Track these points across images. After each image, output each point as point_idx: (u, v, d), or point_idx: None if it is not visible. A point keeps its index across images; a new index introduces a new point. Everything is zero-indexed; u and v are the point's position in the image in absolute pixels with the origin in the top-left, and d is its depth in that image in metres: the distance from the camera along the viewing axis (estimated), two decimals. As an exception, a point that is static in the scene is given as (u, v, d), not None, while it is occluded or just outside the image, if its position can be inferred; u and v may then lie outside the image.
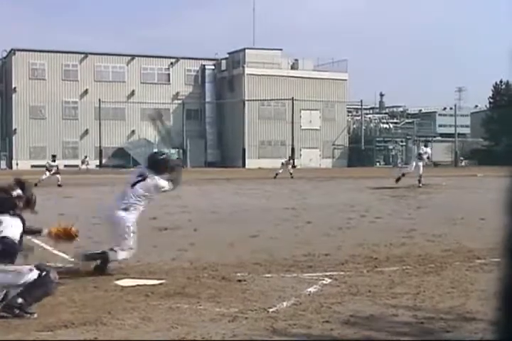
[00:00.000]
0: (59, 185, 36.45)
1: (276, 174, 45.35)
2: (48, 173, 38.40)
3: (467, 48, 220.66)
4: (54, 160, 39.88)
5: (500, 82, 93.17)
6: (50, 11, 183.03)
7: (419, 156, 34.06)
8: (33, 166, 74.28)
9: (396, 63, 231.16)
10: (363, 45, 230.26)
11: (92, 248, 12.45)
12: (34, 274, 7.27)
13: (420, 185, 32.11)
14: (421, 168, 32.89)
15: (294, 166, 50.31)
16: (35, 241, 13.40)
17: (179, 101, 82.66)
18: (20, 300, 7.18)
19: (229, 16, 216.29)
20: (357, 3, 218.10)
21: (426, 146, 36.46)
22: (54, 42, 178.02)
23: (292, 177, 44.94)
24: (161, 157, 10.49)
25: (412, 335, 6.38)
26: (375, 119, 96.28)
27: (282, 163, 49.87)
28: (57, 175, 37.85)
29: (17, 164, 76.33)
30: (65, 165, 74.90)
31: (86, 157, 74.73)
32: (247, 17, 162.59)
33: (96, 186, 34.30)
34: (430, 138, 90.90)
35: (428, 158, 34.96)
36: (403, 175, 32.62)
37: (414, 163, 33.72)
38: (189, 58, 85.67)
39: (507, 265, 1.91)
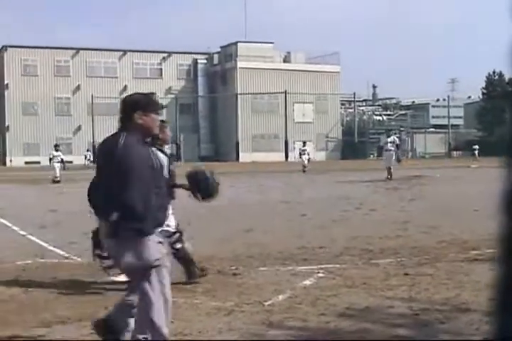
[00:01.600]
0: (56, 181, 35.23)
1: (304, 167, 43.46)
2: (57, 166, 36.25)
3: (460, 39, 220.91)
4: (57, 150, 38.06)
5: (493, 72, 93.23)
6: (42, 7, 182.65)
7: (386, 147, 32.67)
8: (26, 163, 74.32)
9: (388, 55, 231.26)
10: (355, 37, 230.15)
11: (88, 244, 12.46)
12: None
13: (388, 177, 31.12)
14: (391, 160, 31.74)
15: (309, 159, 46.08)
16: (31, 237, 13.43)
17: (172, 96, 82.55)
18: None
19: (220, 10, 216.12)
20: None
21: (389, 136, 34.17)
22: (46, 39, 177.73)
23: (305, 171, 43.14)
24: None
25: (408, 327, 6.40)
26: (368, 111, 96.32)
27: (300, 153, 46.72)
28: (57, 169, 36.12)
29: (11, 161, 76.25)
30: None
31: (88, 150, 74.75)
32: (238, 11, 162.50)
33: (88, 182, 34.25)
34: (424, 130, 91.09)
35: (398, 146, 33.00)
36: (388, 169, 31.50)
37: (384, 156, 33.16)
38: (181, 52, 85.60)
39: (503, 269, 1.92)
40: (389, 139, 32.94)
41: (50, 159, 37.43)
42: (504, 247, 1.89)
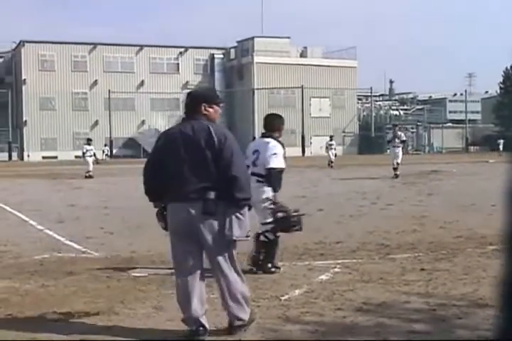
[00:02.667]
0: (89, 176, 34.69)
1: (331, 162, 42.52)
2: (89, 160, 35.72)
3: (477, 34, 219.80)
4: (89, 144, 37.15)
5: (511, 67, 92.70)
6: (59, 2, 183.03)
7: (393, 143, 30.96)
8: (44, 157, 74.55)
9: (405, 49, 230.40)
10: (372, 31, 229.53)
11: (105, 239, 12.52)
12: None
13: (397, 173, 29.45)
14: (399, 156, 30.04)
15: (335, 154, 44.72)
16: (48, 232, 13.49)
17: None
18: None
19: (237, 5, 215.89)
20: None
21: (394, 131, 31.89)
22: (63, 34, 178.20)
23: (332, 166, 42.00)
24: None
25: (425, 322, 6.38)
26: (385, 106, 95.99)
27: (327, 148, 45.55)
28: (89, 163, 35.54)
29: (28, 156, 76.50)
30: (76, 156, 75.25)
31: (106, 145, 74.92)
32: (255, 5, 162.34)
33: (105, 177, 34.33)
34: (441, 125, 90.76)
35: (403, 141, 31.87)
36: (394, 169, 29.69)
37: (391, 151, 31.49)
38: (198, 47, 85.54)
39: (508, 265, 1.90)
40: (397, 134, 30.84)
41: (83, 153, 36.60)
42: (509, 244, 1.87)
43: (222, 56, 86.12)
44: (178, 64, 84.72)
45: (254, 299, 7.22)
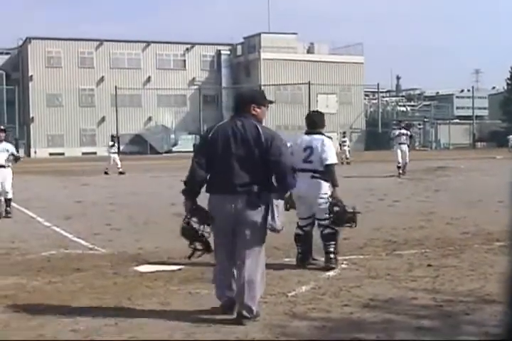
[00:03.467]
0: (121, 172, 34.43)
1: (346, 159, 41.18)
2: (114, 157, 35.60)
3: (484, 29, 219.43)
4: (113, 140, 37.43)
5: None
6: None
7: (399, 140, 29.03)
8: (51, 154, 74.64)
9: (412, 45, 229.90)
10: (379, 27, 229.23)
11: (112, 235, 12.54)
12: None
13: (401, 172, 28.08)
14: (406, 154, 28.60)
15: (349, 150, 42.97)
16: (56, 228, 13.51)
17: (195, 87, 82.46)
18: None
19: (244, 1, 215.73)
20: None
21: (400, 127, 30.32)
22: (69, 30, 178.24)
23: (348, 163, 40.64)
24: None
25: (432, 318, 6.38)
26: (392, 102, 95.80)
27: (340, 144, 43.54)
28: (116, 160, 35.38)
29: (35, 152, 76.58)
30: (83, 153, 75.38)
31: (113, 142, 74.98)
32: (262, 2, 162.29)
33: (113, 173, 34.35)
34: (448, 121, 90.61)
35: (411, 137, 30.52)
36: (398, 168, 28.22)
37: (396, 150, 29.15)
38: (204, 44, 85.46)
39: None
40: (403, 131, 29.32)
41: (109, 151, 36.49)
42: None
43: (228, 52, 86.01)
44: (184, 60, 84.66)
45: (261, 295, 7.23)
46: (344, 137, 44.94)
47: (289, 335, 5.91)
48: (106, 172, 34.45)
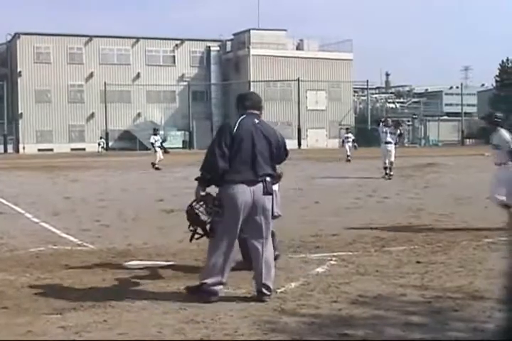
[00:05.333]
0: (156, 168, 33.82)
1: (347, 156, 39.29)
2: (158, 150, 35.07)
3: (473, 26, 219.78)
4: (156, 134, 36.41)
5: (507, 60, 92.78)
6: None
7: (386, 139, 26.86)
8: (39, 150, 74.48)
9: (402, 42, 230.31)
10: (368, 24, 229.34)
11: (101, 231, 12.52)
12: None
13: (388, 173, 25.90)
14: (392, 154, 26.47)
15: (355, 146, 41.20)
16: (44, 224, 13.48)
17: (185, 83, 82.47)
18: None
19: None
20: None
21: (386, 124, 27.56)
22: (58, 26, 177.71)
23: (349, 160, 38.86)
24: None
25: (420, 314, 6.39)
26: (381, 99, 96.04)
27: (343, 140, 42.72)
28: (157, 154, 34.83)
29: (24, 148, 76.44)
30: (72, 149, 75.26)
31: (101, 138, 74.71)
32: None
33: (101, 169, 34.29)
34: (437, 117, 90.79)
35: (400, 135, 28.74)
36: (385, 168, 26.37)
37: (384, 149, 26.95)
38: (194, 40, 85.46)
39: None
40: (389, 129, 27.03)
41: (152, 144, 35.82)
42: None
43: (218, 48, 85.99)
44: (174, 56, 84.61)
45: (250, 291, 7.23)
46: (347, 133, 43.20)
47: (278, 331, 5.91)
48: (157, 168, 33.55)
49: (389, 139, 26.88)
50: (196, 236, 7.30)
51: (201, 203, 7.13)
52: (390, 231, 11.83)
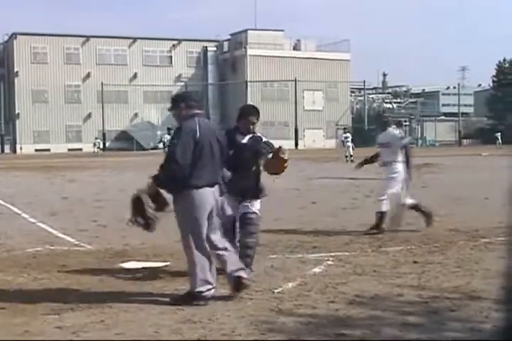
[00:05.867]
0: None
1: (350, 156, 39.70)
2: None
3: (470, 27, 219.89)
4: (170, 134, 37.64)
5: (504, 60, 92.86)
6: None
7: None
8: (36, 150, 74.42)
9: (399, 43, 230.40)
10: (365, 24, 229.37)
11: (98, 232, 12.51)
12: None
13: None
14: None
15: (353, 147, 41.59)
16: (41, 225, 13.47)
17: (182, 84, 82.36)
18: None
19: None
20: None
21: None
22: (55, 26, 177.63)
23: (352, 160, 38.31)
24: None
25: (417, 314, 6.40)
26: (378, 99, 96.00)
27: (342, 141, 43.03)
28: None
29: (21, 148, 76.34)
30: (69, 149, 75.21)
31: (97, 139, 74.60)
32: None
33: (99, 169, 34.27)
34: (434, 118, 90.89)
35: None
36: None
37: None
38: (191, 40, 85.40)
39: None
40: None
41: (164, 143, 39.35)
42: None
43: (215, 49, 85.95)
44: (171, 56, 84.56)
45: (247, 292, 7.23)
46: (346, 133, 43.78)
47: (275, 331, 5.91)
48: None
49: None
50: (134, 224, 7.28)
51: (150, 200, 7.07)
52: (387, 231, 11.83)
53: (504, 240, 10.23)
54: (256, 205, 8.28)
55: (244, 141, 8.39)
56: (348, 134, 43.02)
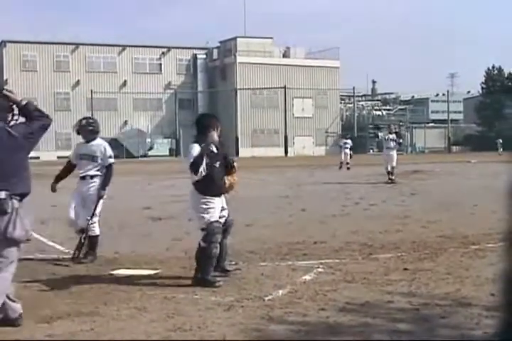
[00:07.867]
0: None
1: (346, 163, 39.18)
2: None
3: (459, 33, 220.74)
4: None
5: (493, 67, 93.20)
6: (42, 2, 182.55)
7: (388, 145, 28.13)
8: (30, 158, 74.18)
9: (387, 50, 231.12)
10: (354, 32, 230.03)
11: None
12: None
13: (391, 178, 26.73)
14: (392, 159, 27.31)
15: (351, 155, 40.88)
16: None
17: (171, 91, 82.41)
18: None
19: (220, 5, 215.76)
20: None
21: (390, 131, 28.57)
22: (45, 34, 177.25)
23: (348, 168, 38.59)
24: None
25: (408, 321, 6.40)
26: (368, 106, 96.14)
27: (340, 146, 42.05)
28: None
29: (10, 156, 76.11)
30: (58, 157, 75.01)
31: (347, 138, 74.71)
32: (237, 6, 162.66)
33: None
34: (423, 124, 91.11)
35: (400, 144, 29.47)
36: (388, 173, 27.00)
37: (386, 154, 27.97)
38: (180, 47, 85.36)
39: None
40: (391, 136, 27.99)
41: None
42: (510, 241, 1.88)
43: (204, 56, 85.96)
44: (160, 64, 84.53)
45: (237, 299, 7.23)
46: (346, 139, 43.21)
47: (265, 339, 5.91)
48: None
49: (391, 145, 27.99)
50: None
51: None
52: (378, 238, 11.84)
53: (494, 246, 10.25)
54: None
55: None
56: (349, 140, 42.83)
